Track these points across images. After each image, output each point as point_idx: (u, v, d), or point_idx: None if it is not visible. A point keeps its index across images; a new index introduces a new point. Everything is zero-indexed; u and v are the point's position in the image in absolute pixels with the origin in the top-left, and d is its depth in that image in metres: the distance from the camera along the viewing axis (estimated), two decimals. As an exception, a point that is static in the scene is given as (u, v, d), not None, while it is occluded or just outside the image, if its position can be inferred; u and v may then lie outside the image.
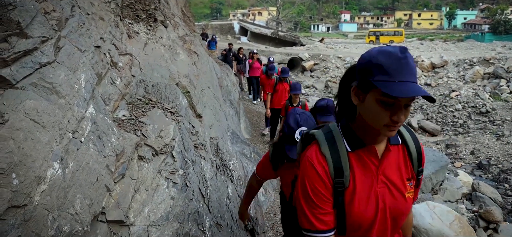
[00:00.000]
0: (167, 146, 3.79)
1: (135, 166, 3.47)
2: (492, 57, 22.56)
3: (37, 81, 2.62)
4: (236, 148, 6.44)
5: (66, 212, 2.53)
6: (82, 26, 3.38)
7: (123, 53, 4.37)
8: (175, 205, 3.54)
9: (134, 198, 3.31)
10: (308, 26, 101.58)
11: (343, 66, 25.83)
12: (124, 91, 4.02)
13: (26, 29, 2.58)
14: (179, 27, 6.72)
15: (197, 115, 5.17)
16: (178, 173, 3.77)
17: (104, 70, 3.69)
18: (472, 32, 73.11)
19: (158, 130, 3.85)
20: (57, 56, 2.86)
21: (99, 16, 4.03)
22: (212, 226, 3.89)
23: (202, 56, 7.03)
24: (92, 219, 2.80)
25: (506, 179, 9.92)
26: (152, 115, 4.02)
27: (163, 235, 3.32)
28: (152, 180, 3.51)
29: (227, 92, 9.62)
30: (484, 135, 14.79)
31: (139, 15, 5.41)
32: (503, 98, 18.05)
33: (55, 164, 2.49)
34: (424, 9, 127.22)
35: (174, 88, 4.78)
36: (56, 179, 2.47)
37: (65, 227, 2.48)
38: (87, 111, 3.05)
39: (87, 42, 3.40)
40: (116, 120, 3.67)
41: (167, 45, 5.62)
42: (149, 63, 4.84)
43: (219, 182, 4.57)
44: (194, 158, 4.25)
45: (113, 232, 3.07)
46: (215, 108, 6.32)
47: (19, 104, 2.38)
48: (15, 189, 2.15)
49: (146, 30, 5.35)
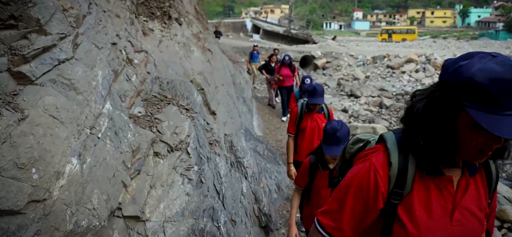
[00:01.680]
0: (182, 142, 3.81)
1: (151, 162, 3.50)
2: (507, 55, 22.31)
3: (55, 78, 2.65)
4: (250, 145, 6.45)
5: (84, 207, 2.55)
6: (99, 23, 3.41)
7: (139, 50, 4.40)
8: (190, 201, 3.56)
9: (150, 194, 3.34)
10: (321, 24, 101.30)
11: (355, 64, 25.70)
12: (139, 88, 4.05)
13: (45, 26, 2.61)
14: (193, 24, 6.75)
15: (211, 112, 5.19)
16: (193, 169, 3.79)
17: (120, 67, 3.72)
18: (486, 30, 72.33)
19: (173, 127, 3.87)
20: (75, 52, 2.89)
21: (115, 14, 4.06)
22: (227, 222, 3.90)
23: (215, 53, 7.05)
24: (109, 214, 2.82)
25: (521, 178, 9.82)
26: (167, 112, 4.04)
27: (179, 231, 3.34)
28: (167, 176, 3.53)
29: (240, 89, 9.64)
30: (498, 133, 14.64)
31: (154, 12, 5.44)
32: (518, 97, 17.84)
33: (74, 159, 2.51)
34: (437, 7, 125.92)
35: (189, 85, 4.80)
36: (74, 174, 2.49)
37: (83, 222, 2.51)
38: (104, 107, 3.08)
39: (103, 39, 3.43)
40: (132, 116, 3.70)
41: (181, 43, 5.64)
42: (163, 60, 4.87)
43: (233, 178, 4.59)
44: (209, 154, 4.26)
45: (129, 227, 3.10)
46: (229, 106, 6.34)
47: (39, 100, 2.41)
48: (35, 184, 2.17)
49: (160, 28, 5.38)
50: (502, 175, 10.45)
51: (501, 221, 6.75)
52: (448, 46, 33.99)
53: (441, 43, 38.01)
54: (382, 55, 26.38)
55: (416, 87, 20.94)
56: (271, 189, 5.71)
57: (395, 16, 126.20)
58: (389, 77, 23.46)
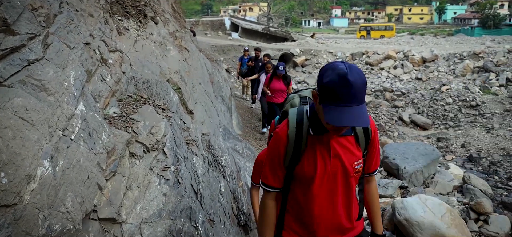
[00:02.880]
0: (158, 142, 3.77)
1: (127, 163, 3.45)
2: (481, 51, 22.71)
3: (25, 79, 2.58)
4: (228, 144, 6.43)
5: (57, 211, 2.50)
6: (70, 23, 3.34)
7: (113, 50, 4.33)
8: (167, 202, 3.53)
9: (126, 195, 3.29)
10: (299, 21, 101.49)
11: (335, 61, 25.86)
12: (114, 88, 3.99)
13: (13, 25, 2.54)
14: (169, 23, 6.69)
15: (188, 112, 5.15)
16: (170, 169, 3.75)
17: (94, 67, 3.66)
18: (462, 27, 73.65)
19: (149, 127, 3.83)
20: (46, 53, 2.83)
21: (88, 13, 3.99)
22: (205, 222, 3.87)
23: (193, 52, 7.00)
24: (83, 217, 2.77)
25: (496, 171, 10.00)
26: (143, 112, 3.99)
27: (156, 232, 3.30)
28: (144, 177, 3.49)
29: (219, 88, 9.59)
30: (474, 128, 14.90)
31: (129, 11, 5.37)
32: (492, 92, 18.20)
33: (45, 162, 2.46)
34: (414, 4, 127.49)
35: (165, 84, 4.76)
36: (47, 177, 2.44)
37: (56, 226, 2.45)
38: (77, 108, 3.02)
39: (76, 39, 3.37)
40: (106, 117, 3.64)
41: (157, 42, 5.59)
42: (139, 59, 4.81)
43: (211, 178, 4.56)
44: (186, 154, 4.23)
45: (105, 229, 3.05)
46: (207, 104, 6.30)
47: (7, 102, 2.35)
48: (4, 188, 2.12)
49: (136, 27, 5.31)
50: (479, 168, 10.65)
51: (477, 213, 6.86)
52: (426, 42, 34.45)
53: (419, 40, 38.48)
54: (361, 52, 26.63)
55: (395, 84, 21.21)
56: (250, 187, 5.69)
57: (373, 13, 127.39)
58: (367, 73, 23.71)
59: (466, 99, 17.10)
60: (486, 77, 19.66)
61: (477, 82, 19.33)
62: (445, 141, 13.41)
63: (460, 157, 11.91)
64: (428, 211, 5.62)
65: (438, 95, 17.94)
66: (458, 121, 16.04)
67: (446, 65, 22.37)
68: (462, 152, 12.35)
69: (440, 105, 17.33)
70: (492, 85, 18.72)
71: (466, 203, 7.40)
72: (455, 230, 5.58)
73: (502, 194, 8.27)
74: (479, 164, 10.91)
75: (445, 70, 21.73)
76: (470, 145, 12.63)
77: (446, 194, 7.97)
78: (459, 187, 8.26)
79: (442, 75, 21.00)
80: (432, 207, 5.71)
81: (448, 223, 5.58)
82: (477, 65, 21.22)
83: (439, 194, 7.81)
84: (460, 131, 14.86)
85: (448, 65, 22.31)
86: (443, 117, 16.57)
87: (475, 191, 7.76)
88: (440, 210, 5.69)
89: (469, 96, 17.15)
